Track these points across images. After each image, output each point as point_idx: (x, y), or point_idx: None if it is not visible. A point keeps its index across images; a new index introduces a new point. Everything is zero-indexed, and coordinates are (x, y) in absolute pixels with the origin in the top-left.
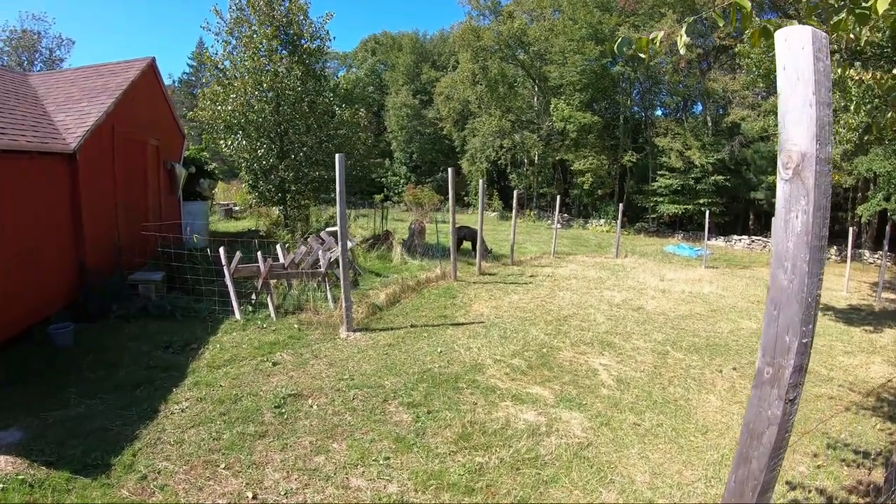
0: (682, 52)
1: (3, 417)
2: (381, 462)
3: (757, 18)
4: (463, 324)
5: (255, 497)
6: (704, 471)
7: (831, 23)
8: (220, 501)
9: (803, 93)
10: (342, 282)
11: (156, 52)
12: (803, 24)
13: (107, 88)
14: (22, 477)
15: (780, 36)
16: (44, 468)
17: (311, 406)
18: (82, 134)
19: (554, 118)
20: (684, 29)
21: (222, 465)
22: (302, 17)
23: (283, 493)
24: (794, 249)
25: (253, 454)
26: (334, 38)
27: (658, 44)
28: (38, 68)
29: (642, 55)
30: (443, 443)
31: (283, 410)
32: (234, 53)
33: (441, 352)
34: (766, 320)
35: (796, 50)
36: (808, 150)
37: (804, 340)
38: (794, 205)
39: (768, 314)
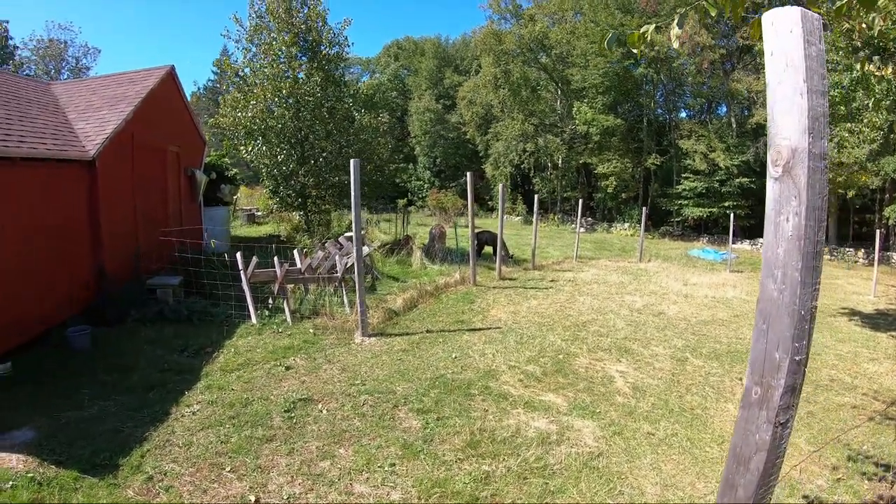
0: (674, 45)
1: (17, 417)
2: (386, 468)
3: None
4: (479, 329)
5: (257, 501)
6: (718, 483)
7: (834, 7)
8: None
9: (793, 81)
10: (357, 287)
11: (183, 60)
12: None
13: (126, 96)
14: (31, 475)
15: (766, 19)
16: (53, 467)
17: (321, 411)
18: (101, 141)
19: (577, 121)
20: (676, 21)
21: (228, 468)
22: (321, 24)
23: (285, 498)
24: (785, 256)
25: (259, 458)
26: (353, 43)
27: (649, 38)
28: (66, 76)
29: (635, 50)
30: (450, 450)
31: (293, 415)
32: (254, 60)
33: (455, 357)
34: (755, 335)
35: (784, 33)
36: (800, 145)
37: (797, 358)
38: (785, 206)
39: (757, 328)
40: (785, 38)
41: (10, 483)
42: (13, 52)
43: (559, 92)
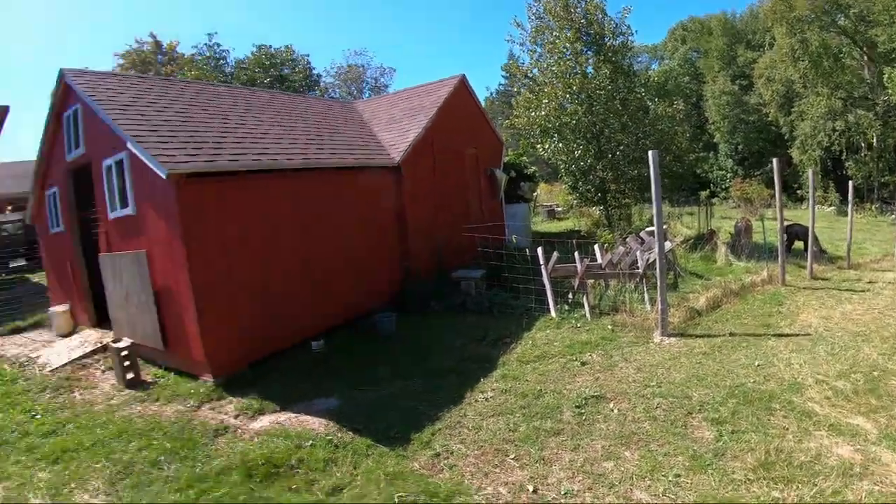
0: None
1: (325, 387)
2: (670, 478)
3: None
4: (787, 335)
5: (535, 491)
6: None
7: None
8: (501, 489)
9: None
10: (658, 283)
11: (473, 68)
12: None
13: (423, 107)
14: (330, 437)
15: None
16: (350, 433)
17: (612, 410)
18: (404, 149)
19: (889, 91)
20: None
21: (512, 456)
22: (601, 16)
23: (563, 493)
24: None
25: (544, 450)
26: (636, 31)
27: None
28: (367, 95)
29: None
30: (741, 468)
31: (583, 411)
32: (541, 60)
33: (758, 365)
34: None
35: None
36: None
37: None
38: None
39: None
40: None
41: (311, 442)
42: (317, 79)
43: (865, 58)
